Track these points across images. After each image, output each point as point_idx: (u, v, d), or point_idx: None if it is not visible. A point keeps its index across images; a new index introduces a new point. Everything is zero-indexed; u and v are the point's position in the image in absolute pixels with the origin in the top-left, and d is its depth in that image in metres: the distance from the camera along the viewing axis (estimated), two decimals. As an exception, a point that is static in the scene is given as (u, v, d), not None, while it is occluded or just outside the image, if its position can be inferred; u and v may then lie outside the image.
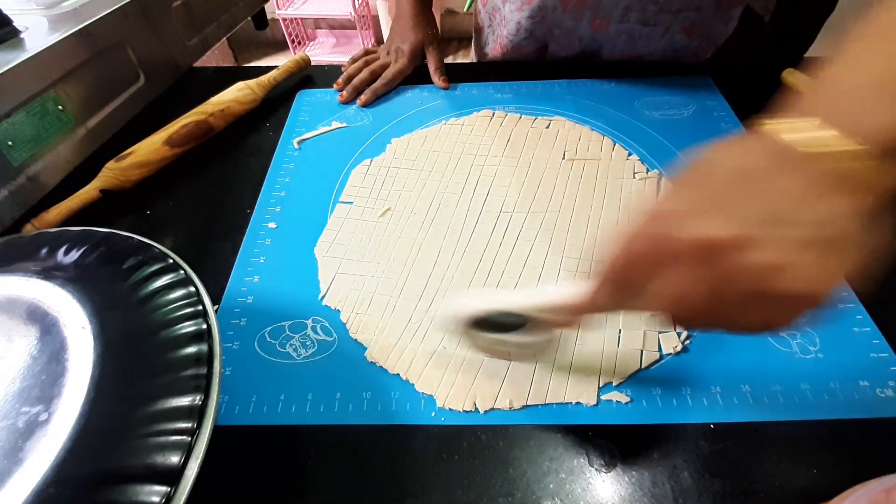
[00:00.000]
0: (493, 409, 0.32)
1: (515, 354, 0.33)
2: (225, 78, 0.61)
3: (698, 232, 0.20)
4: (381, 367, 0.35)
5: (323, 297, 0.39)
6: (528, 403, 0.32)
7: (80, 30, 0.49)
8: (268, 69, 0.62)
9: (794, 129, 0.20)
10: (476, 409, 0.32)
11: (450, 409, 0.32)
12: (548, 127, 0.54)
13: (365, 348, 0.36)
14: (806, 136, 0.20)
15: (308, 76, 0.65)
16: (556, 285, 0.26)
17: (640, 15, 0.57)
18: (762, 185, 0.20)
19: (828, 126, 0.19)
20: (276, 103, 0.61)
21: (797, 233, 0.19)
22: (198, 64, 0.69)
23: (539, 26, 0.61)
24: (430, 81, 0.62)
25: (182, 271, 0.31)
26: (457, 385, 0.33)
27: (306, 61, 0.65)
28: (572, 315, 0.26)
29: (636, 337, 0.35)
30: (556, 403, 0.32)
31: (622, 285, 0.23)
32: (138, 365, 0.26)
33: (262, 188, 0.49)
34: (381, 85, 0.60)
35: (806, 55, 0.66)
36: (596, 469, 0.30)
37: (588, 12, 0.58)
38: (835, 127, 0.19)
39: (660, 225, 0.22)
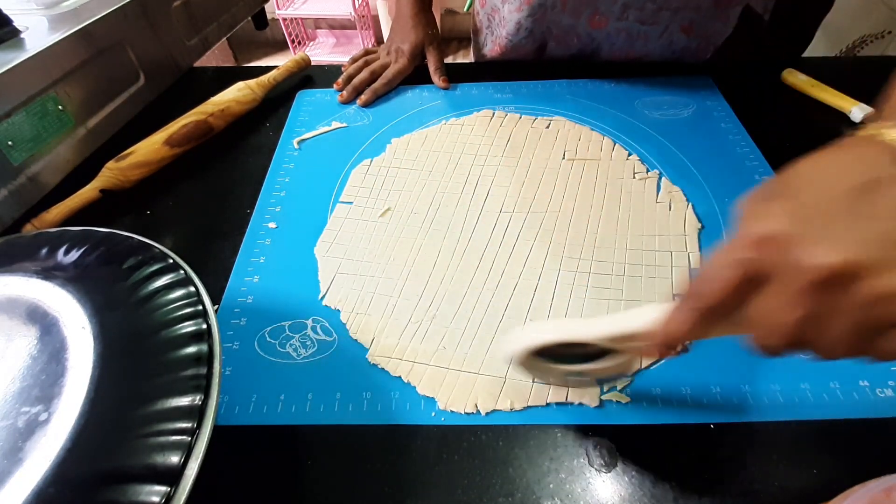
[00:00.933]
0: (493, 409, 0.32)
1: (579, 381, 0.32)
2: (225, 78, 0.61)
3: (809, 261, 0.18)
4: (383, 368, 0.35)
5: (323, 297, 0.39)
6: (529, 404, 0.32)
7: (80, 30, 0.49)
8: (268, 69, 0.62)
9: None
10: (477, 411, 0.32)
11: (450, 410, 0.32)
12: (548, 127, 0.54)
13: (365, 348, 0.36)
14: None
15: (308, 76, 0.65)
16: (632, 312, 0.25)
17: (639, 13, 0.57)
18: (878, 200, 0.18)
19: None
20: (276, 103, 0.61)
21: None
22: (198, 64, 0.69)
23: (538, 24, 0.61)
24: (430, 81, 0.62)
25: (182, 271, 0.31)
26: (458, 387, 0.33)
27: (306, 61, 0.65)
28: (656, 345, 0.24)
29: (636, 337, 0.35)
30: (556, 403, 0.32)
31: (713, 313, 0.21)
32: (138, 365, 0.26)
33: (262, 188, 0.49)
34: (381, 85, 0.60)
35: (804, 55, 0.66)
36: (596, 469, 0.30)
37: (587, 10, 0.58)
38: None
39: (761, 251, 0.19)
